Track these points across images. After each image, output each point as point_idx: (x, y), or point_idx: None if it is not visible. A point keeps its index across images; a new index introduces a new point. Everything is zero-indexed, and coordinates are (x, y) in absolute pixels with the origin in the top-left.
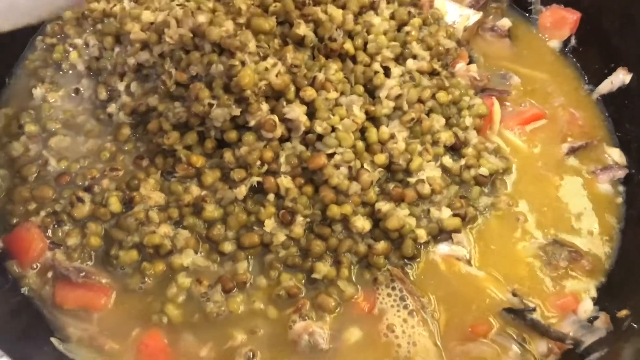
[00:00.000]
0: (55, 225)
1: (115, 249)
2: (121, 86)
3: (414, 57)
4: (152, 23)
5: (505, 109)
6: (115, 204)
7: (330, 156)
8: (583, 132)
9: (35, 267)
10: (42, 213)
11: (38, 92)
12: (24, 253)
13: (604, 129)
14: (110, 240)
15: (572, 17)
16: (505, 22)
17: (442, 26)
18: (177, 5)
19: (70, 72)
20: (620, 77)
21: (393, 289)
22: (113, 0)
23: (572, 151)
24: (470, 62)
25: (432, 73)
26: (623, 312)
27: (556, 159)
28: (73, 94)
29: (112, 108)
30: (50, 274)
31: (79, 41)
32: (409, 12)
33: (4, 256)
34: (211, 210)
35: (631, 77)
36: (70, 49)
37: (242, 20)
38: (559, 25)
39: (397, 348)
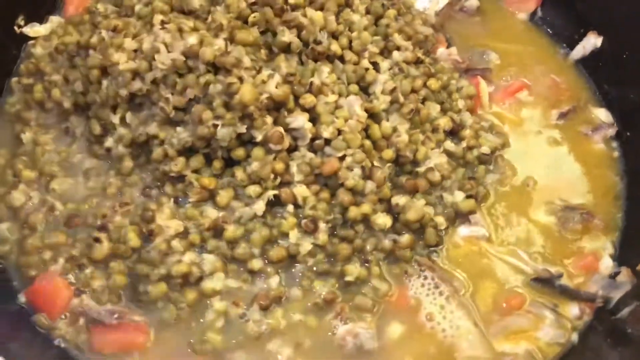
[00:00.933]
0: (77, 271)
1: (143, 285)
2: (115, 119)
3: (398, 48)
4: (135, 50)
5: (490, 85)
6: (134, 239)
7: (342, 159)
8: (568, 97)
9: (64, 316)
10: (61, 260)
11: (27, 136)
12: (50, 304)
13: (588, 91)
14: (136, 276)
15: None
16: (473, 2)
17: (416, 14)
18: (160, 29)
19: (56, 110)
20: (592, 41)
21: (425, 278)
22: (85, 32)
23: (562, 116)
24: (448, 46)
25: (417, 62)
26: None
27: (549, 125)
28: (64, 134)
29: (109, 142)
30: (82, 321)
31: (57, 77)
32: (383, 4)
33: (29, 311)
34: (232, 230)
35: (602, 39)
36: (51, 87)
37: (224, 35)
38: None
39: (441, 334)
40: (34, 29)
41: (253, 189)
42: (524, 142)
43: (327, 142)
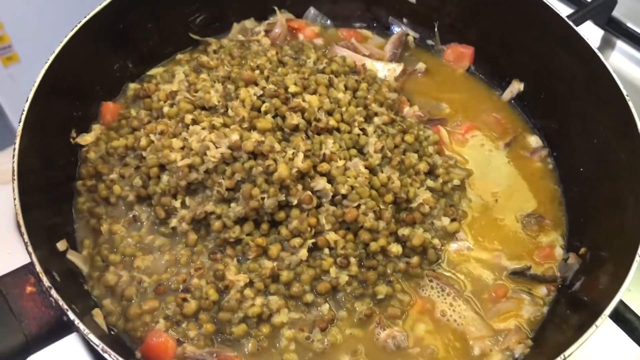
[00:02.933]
0: (175, 326)
1: (228, 327)
2: (177, 204)
3: (376, 114)
4: (182, 148)
5: (448, 129)
6: (213, 294)
7: (357, 207)
8: (509, 129)
9: None
10: (161, 320)
11: (104, 227)
12: (162, 355)
13: (522, 122)
14: (221, 322)
15: (467, 51)
16: (421, 65)
17: (381, 83)
18: (201, 129)
19: (121, 202)
20: (516, 87)
21: (433, 287)
22: (126, 135)
23: (507, 145)
24: (411, 104)
25: (392, 122)
26: (582, 250)
27: (499, 153)
28: (133, 221)
29: (174, 222)
30: None
31: (114, 176)
32: (356, 80)
33: None
34: (286, 275)
35: (523, 85)
36: (112, 185)
37: (246, 125)
38: (459, 59)
39: (454, 324)
40: (83, 138)
41: (296, 241)
42: (484, 169)
43: (344, 196)
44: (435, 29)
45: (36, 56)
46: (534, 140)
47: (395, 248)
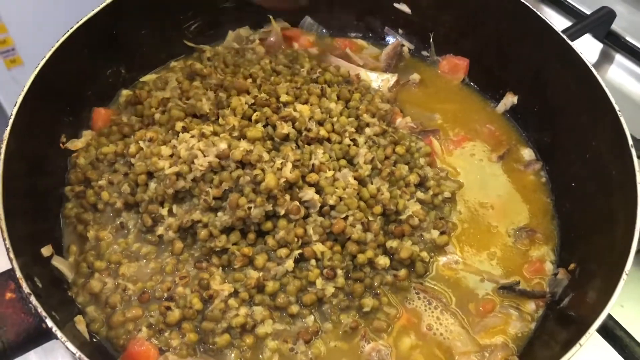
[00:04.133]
0: (157, 335)
1: (212, 337)
2: (164, 211)
3: (367, 125)
4: (170, 155)
5: (441, 141)
6: (197, 303)
7: (345, 219)
8: (503, 140)
9: None
10: (144, 328)
11: (91, 233)
12: None
13: (516, 134)
14: (204, 332)
15: (462, 63)
16: (416, 76)
17: (374, 93)
18: (191, 137)
19: (109, 209)
20: (510, 99)
21: (419, 299)
22: (117, 141)
23: (501, 158)
24: (404, 116)
25: (384, 133)
26: (572, 265)
27: (492, 166)
28: (120, 228)
29: (160, 230)
30: None
31: (103, 182)
32: (349, 90)
33: None
34: (272, 285)
35: (517, 97)
36: (100, 191)
37: (236, 133)
38: (454, 70)
39: (440, 338)
40: (73, 144)
41: (282, 251)
42: (476, 181)
43: (332, 207)
44: (431, 40)
45: (39, 59)
46: (528, 153)
47: (383, 260)
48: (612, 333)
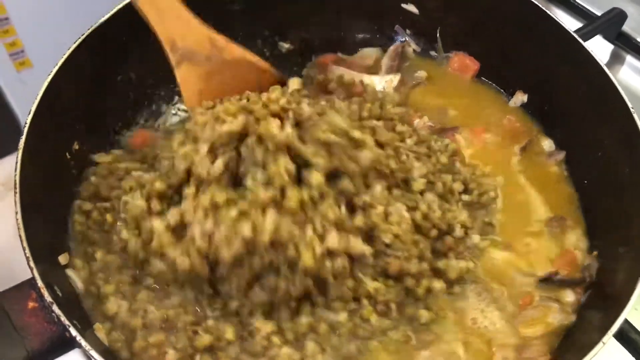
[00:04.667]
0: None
1: None
2: None
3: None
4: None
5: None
6: (230, 335)
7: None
8: (522, 132)
9: None
10: (171, 352)
11: (99, 255)
12: None
13: (535, 126)
14: None
15: (473, 65)
16: (422, 73)
17: (385, 99)
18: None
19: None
20: (520, 98)
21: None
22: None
23: (523, 149)
24: (421, 116)
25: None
26: (594, 253)
27: (514, 159)
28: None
29: None
30: None
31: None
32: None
33: None
34: (324, 328)
35: (527, 96)
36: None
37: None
38: (463, 69)
39: (482, 330)
40: (100, 156)
41: (336, 305)
42: (502, 175)
43: (387, 245)
44: (437, 35)
45: (48, 62)
46: (548, 144)
47: (440, 285)
48: (627, 336)
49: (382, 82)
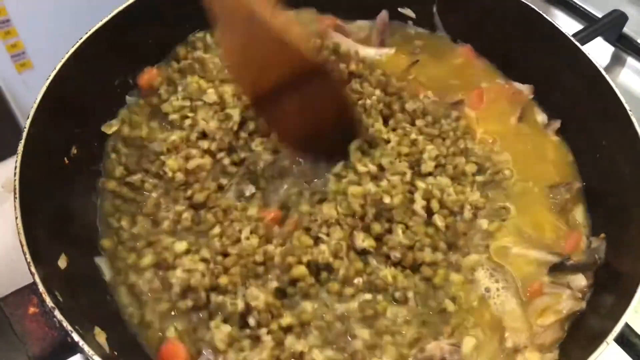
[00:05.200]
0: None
1: None
2: None
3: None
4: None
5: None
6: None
7: (412, 247)
8: (518, 99)
9: None
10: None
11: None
12: None
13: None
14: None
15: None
16: (418, 42)
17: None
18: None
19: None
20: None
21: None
22: None
23: (519, 119)
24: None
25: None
26: (602, 235)
27: (514, 128)
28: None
29: None
30: None
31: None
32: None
33: None
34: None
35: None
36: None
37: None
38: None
39: (492, 306)
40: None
41: (348, 291)
42: (508, 144)
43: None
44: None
45: (49, 63)
46: (539, 116)
47: (457, 278)
48: (628, 340)
49: (377, 56)
